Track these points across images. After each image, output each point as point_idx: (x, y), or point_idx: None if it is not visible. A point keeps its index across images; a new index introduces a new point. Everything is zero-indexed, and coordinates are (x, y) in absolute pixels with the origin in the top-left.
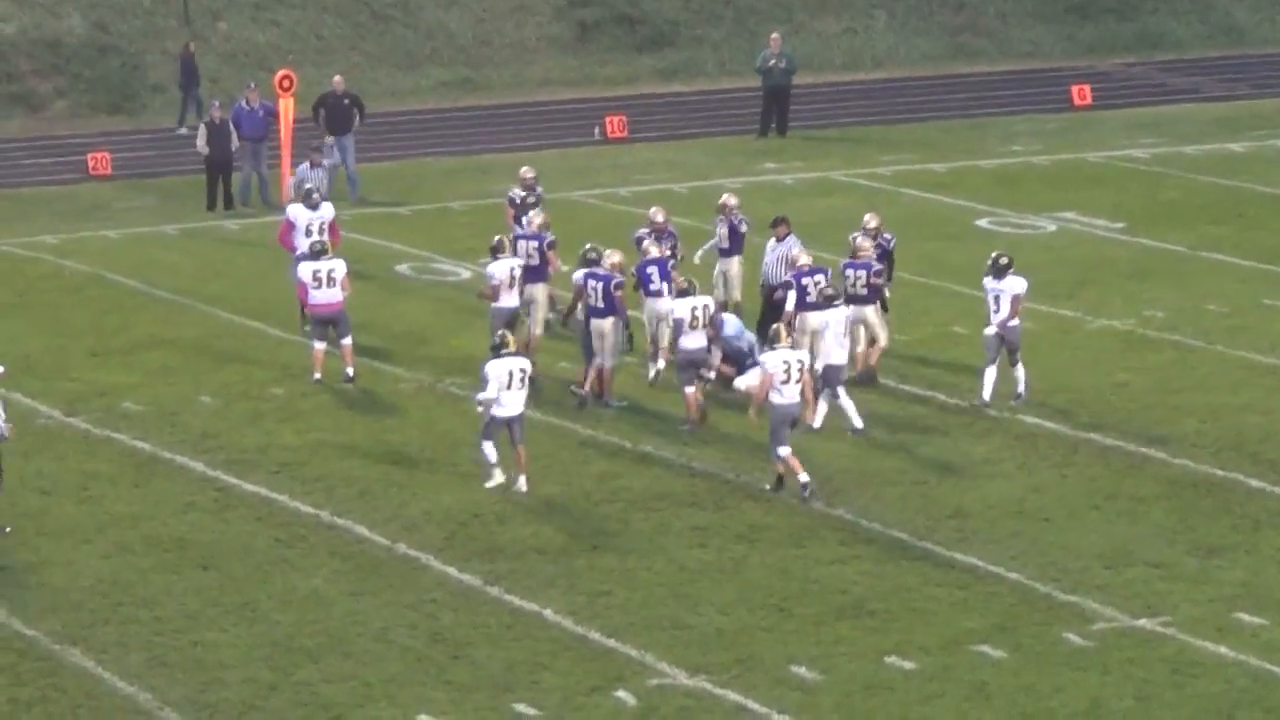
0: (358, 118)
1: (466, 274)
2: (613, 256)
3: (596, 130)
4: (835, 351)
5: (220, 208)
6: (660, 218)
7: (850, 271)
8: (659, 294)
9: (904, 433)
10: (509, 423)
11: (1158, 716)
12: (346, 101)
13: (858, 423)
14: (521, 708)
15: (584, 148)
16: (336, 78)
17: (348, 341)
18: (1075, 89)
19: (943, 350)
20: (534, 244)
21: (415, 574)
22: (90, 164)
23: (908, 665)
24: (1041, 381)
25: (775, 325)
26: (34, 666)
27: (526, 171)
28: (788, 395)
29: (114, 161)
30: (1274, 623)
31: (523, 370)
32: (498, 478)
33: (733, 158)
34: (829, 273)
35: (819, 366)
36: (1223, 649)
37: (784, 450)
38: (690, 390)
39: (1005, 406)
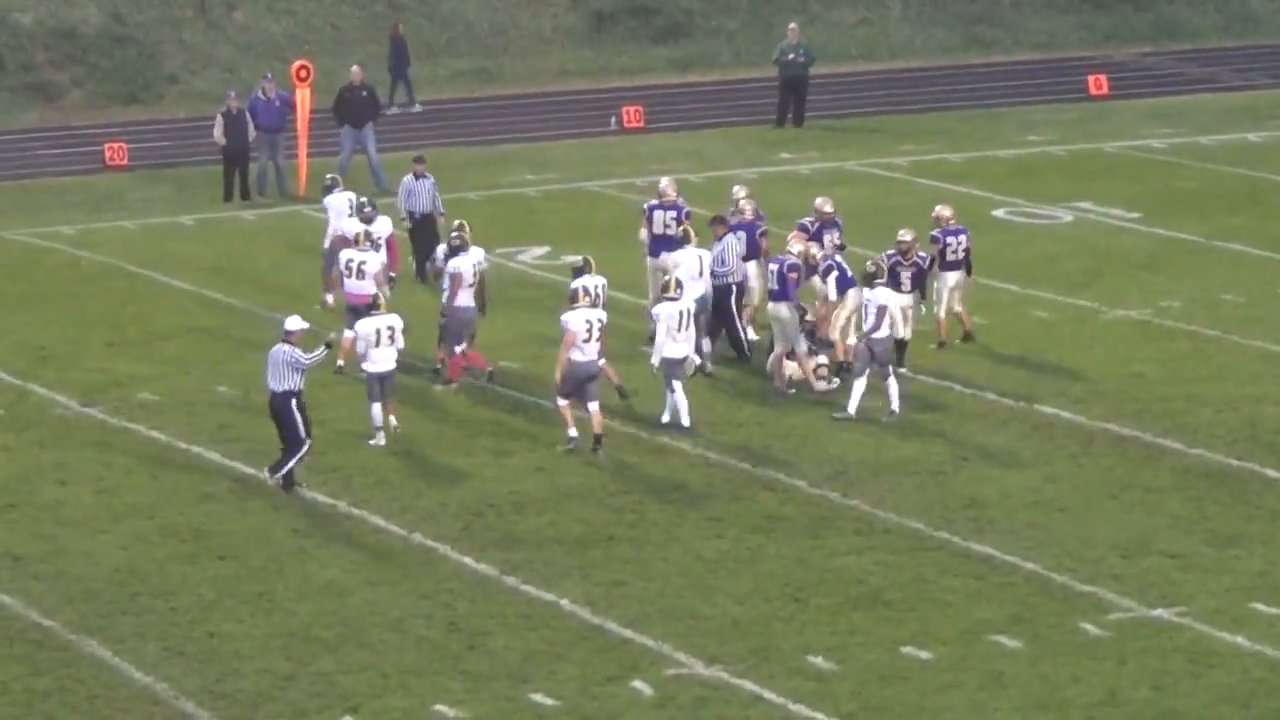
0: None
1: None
2: (795, 245)
3: (612, 120)
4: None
5: (237, 198)
6: (671, 191)
7: (951, 239)
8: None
9: (919, 423)
10: (380, 379)
11: (1174, 706)
12: (365, 93)
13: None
14: (538, 697)
15: (600, 138)
16: (354, 68)
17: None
18: (1091, 79)
19: (957, 340)
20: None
21: (432, 564)
22: (107, 154)
23: (924, 655)
24: (1058, 371)
25: (574, 285)
26: (51, 656)
27: (739, 191)
28: (587, 352)
29: (130, 152)
30: None
31: (390, 328)
32: (381, 440)
33: (749, 148)
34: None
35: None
36: (1239, 639)
37: (562, 402)
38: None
39: (1021, 396)
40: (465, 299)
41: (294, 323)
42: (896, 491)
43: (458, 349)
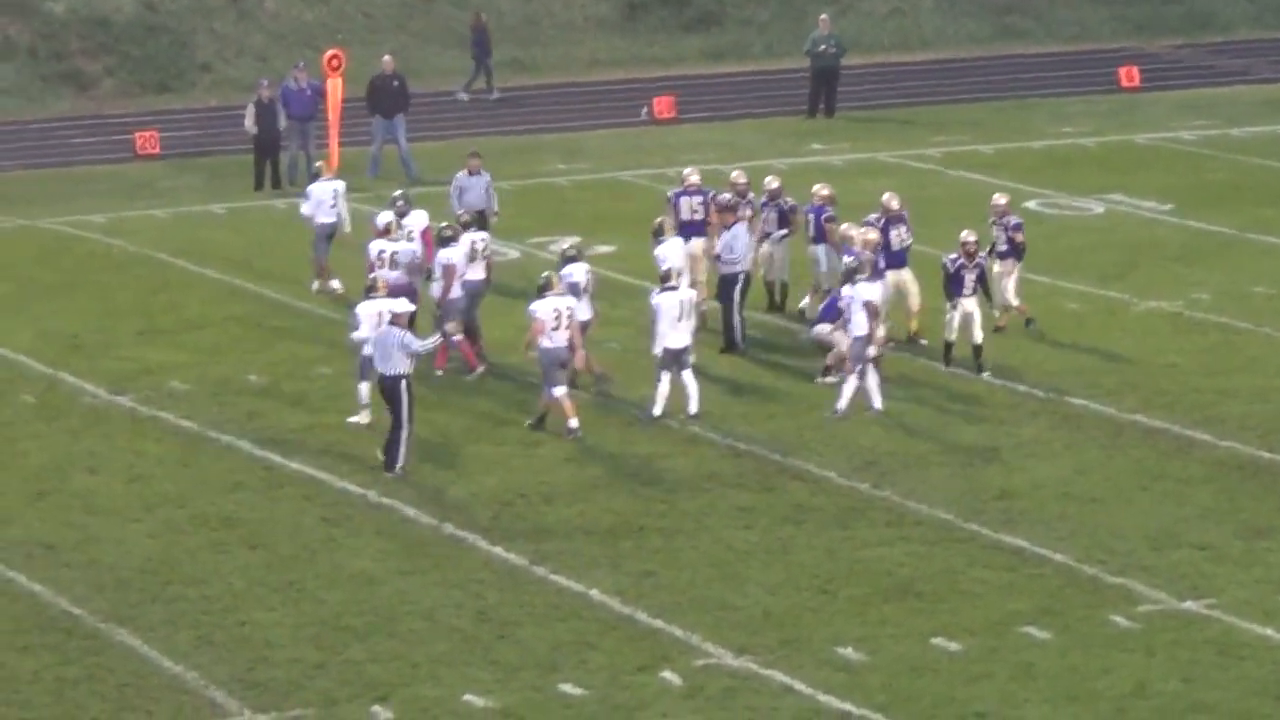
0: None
1: (515, 254)
2: (868, 234)
3: (644, 111)
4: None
5: (268, 187)
6: (695, 178)
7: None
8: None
9: (950, 414)
10: (373, 361)
11: (1204, 698)
12: (396, 83)
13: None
14: (567, 687)
15: (632, 128)
16: (386, 58)
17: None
18: (1123, 70)
19: (988, 332)
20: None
21: (462, 554)
22: (138, 143)
23: (954, 646)
24: (1089, 362)
25: (546, 274)
26: (81, 645)
27: (739, 176)
28: (556, 340)
29: (162, 140)
30: None
31: (392, 311)
32: (364, 417)
33: (781, 139)
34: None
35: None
36: (1269, 631)
37: (558, 390)
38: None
39: (1052, 387)
40: (457, 290)
41: (401, 305)
42: (927, 482)
43: (455, 338)
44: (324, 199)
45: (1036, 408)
